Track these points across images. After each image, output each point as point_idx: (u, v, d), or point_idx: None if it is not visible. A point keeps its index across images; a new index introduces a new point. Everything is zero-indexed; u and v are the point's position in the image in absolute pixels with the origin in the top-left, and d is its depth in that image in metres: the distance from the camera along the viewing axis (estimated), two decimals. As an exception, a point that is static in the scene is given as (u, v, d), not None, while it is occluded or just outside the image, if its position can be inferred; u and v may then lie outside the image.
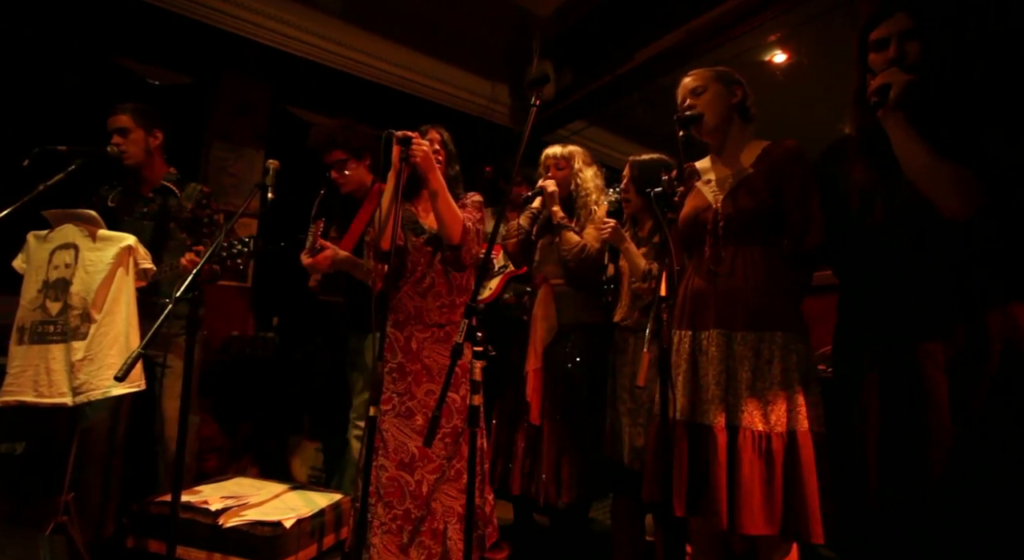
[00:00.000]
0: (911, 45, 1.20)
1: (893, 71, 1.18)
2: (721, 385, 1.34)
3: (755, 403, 1.30)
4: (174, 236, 2.07)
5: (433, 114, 3.85)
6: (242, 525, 1.58)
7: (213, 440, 2.63)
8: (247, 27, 3.13)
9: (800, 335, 1.35)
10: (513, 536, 2.19)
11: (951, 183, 1.11)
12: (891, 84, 1.16)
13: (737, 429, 1.30)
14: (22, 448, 2.31)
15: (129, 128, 2.05)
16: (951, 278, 1.14)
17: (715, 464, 1.29)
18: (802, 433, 1.27)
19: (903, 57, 1.20)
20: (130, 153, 2.04)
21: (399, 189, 1.59)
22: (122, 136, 2.04)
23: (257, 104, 3.31)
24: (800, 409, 1.29)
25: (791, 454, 1.26)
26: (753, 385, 1.31)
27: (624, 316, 1.97)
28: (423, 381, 1.73)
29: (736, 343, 1.35)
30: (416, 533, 1.63)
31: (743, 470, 1.26)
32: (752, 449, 1.27)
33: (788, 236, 1.37)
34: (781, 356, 1.31)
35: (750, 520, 1.23)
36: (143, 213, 2.08)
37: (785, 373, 1.30)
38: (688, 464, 1.34)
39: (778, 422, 1.28)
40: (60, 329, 1.66)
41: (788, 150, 1.41)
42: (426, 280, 1.78)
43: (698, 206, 1.48)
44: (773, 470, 1.25)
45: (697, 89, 1.48)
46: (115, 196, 2.11)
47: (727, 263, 1.40)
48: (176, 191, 2.12)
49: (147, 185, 2.11)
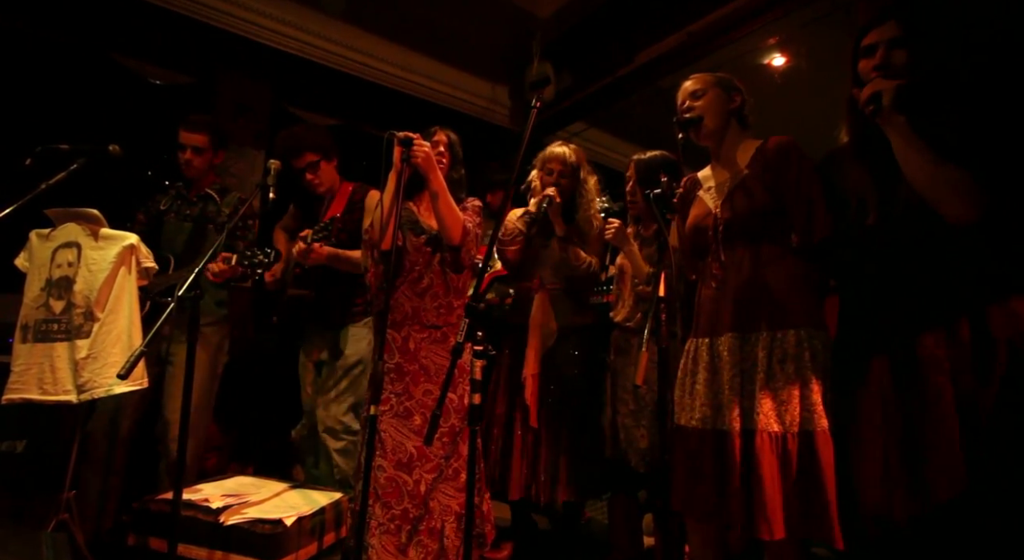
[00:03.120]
0: (897, 53, 1.22)
1: (878, 80, 1.20)
2: (735, 389, 1.32)
3: (770, 404, 1.27)
4: (211, 238, 2.19)
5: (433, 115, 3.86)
6: (243, 523, 1.59)
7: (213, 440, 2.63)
8: (247, 27, 3.14)
9: (815, 331, 1.31)
10: (513, 536, 2.20)
11: (953, 186, 1.12)
12: (881, 91, 1.17)
13: (754, 432, 1.27)
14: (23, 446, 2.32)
15: (205, 149, 2.20)
16: (951, 278, 1.14)
17: (732, 469, 1.26)
18: (820, 432, 1.23)
19: (888, 64, 1.22)
20: (195, 167, 2.20)
21: (400, 190, 1.60)
22: (196, 154, 2.19)
23: (257, 104, 3.31)
24: (816, 408, 1.25)
25: (809, 455, 1.22)
26: (767, 386, 1.28)
27: (627, 317, 1.97)
28: (421, 381, 1.74)
29: (750, 345, 1.33)
30: (414, 533, 1.64)
31: (764, 474, 1.22)
32: (770, 451, 1.24)
33: (796, 231, 1.35)
34: (795, 354, 1.29)
35: (771, 525, 1.19)
36: (186, 215, 2.22)
37: (799, 371, 1.27)
38: (713, 472, 1.30)
39: (793, 422, 1.25)
40: (64, 327, 1.67)
41: (780, 145, 1.41)
42: (424, 280, 1.78)
43: (700, 214, 1.49)
44: (788, 472, 1.22)
45: (697, 92, 1.49)
46: (167, 201, 2.27)
47: (733, 267, 1.39)
48: (217, 199, 2.25)
49: (194, 192, 2.26)
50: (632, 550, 1.99)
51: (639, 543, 2.03)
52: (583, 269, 2.04)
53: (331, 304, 2.19)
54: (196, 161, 2.20)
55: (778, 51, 3.22)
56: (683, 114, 1.48)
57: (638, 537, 2.03)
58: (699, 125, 1.46)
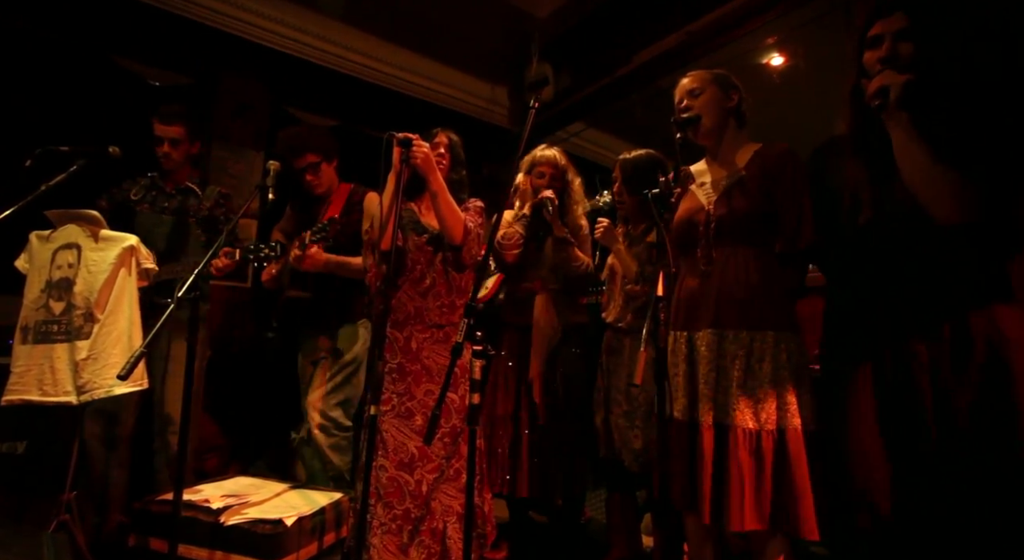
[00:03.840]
0: (904, 45, 1.20)
1: (888, 73, 1.18)
2: (710, 384, 1.36)
3: (746, 401, 1.32)
4: (192, 232, 2.17)
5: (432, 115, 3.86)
6: (243, 523, 1.59)
7: (213, 439, 2.64)
8: (246, 28, 3.14)
9: (792, 334, 1.37)
10: (511, 535, 2.20)
11: (945, 187, 1.12)
12: (889, 86, 1.16)
13: (728, 427, 1.32)
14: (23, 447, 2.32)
15: (182, 140, 2.17)
16: (938, 279, 1.15)
17: (701, 460, 1.32)
18: (792, 430, 1.29)
19: (895, 56, 1.20)
20: (173, 160, 2.17)
21: (399, 191, 1.60)
22: (173, 146, 2.15)
23: (257, 105, 3.32)
24: (790, 407, 1.31)
25: (781, 451, 1.28)
26: (744, 383, 1.33)
27: (618, 317, 1.98)
28: (423, 381, 1.74)
29: (728, 342, 1.37)
30: (416, 533, 1.64)
31: (731, 467, 1.28)
32: (742, 447, 1.29)
33: (781, 236, 1.39)
34: (772, 354, 1.33)
35: (737, 516, 1.25)
36: (164, 208, 2.19)
37: (776, 371, 1.32)
38: (688, 462, 1.36)
39: (768, 420, 1.30)
40: (64, 328, 1.67)
41: (780, 153, 1.44)
42: (426, 280, 1.79)
43: (691, 208, 1.50)
44: (763, 467, 1.27)
45: (695, 90, 1.49)
46: (138, 190, 2.20)
47: (719, 264, 1.41)
48: (198, 191, 2.22)
49: (171, 184, 2.22)
50: (630, 549, 2.00)
51: (638, 542, 2.03)
52: (581, 269, 2.05)
53: (328, 306, 2.20)
54: (174, 154, 2.17)
55: (776, 51, 3.22)
56: (681, 113, 1.48)
57: (636, 536, 2.03)
58: (697, 124, 1.47)
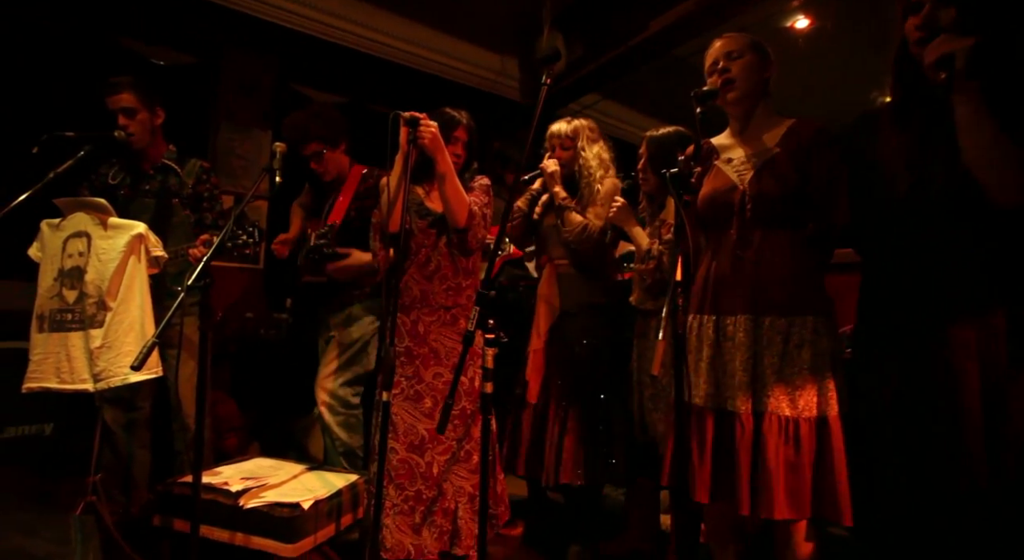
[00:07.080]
0: (945, 12, 1.10)
1: (948, 38, 1.06)
2: (748, 371, 1.30)
3: (782, 388, 1.27)
4: (177, 213, 2.06)
5: (441, 89, 3.77)
6: (262, 506, 1.62)
7: (232, 420, 2.68)
8: (249, 3, 3.06)
9: (829, 319, 1.31)
10: (527, 513, 2.22)
11: (1012, 168, 1.02)
12: (954, 53, 1.04)
13: (763, 415, 1.27)
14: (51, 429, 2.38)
15: (135, 108, 2.00)
16: (989, 262, 1.08)
17: (740, 450, 1.27)
18: (833, 418, 1.25)
19: (933, 22, 1.10)
20: (138, 136, 2.01)
21: (407, 172, 1.56)
22: (128, 117, 1.99)
23: (262, 83, 3.26)
24: (830, 393, 1.26)
25: (823, 439, 1.24)
26: (781, 370, 1.28)
27: (640, 299, 1.93)
28: (431, 364, 1.74)
29: (764, 329, 1.31)
30: (428, 513, 1.66)
31: (768, 455, 1.24)
32: (778, 434, 1.25)
33: (815, 216, 1.31)
34: (812, 341, 1.28)
35: (774, 505, 1.21)
36: (145, 190, 2.06)
37: (816, 358, 1.27)
38: (712, 451, 1.31)
39: (807, 407, 1.25)
40: (77, 317, 1.68)
41: (816, 130, 1.35)
42: (432, 263, 1.76)
43: (720, 186, 1.41)
44: (800, 455, 1.23)
45: (733, 53, 1.38)
46: (115, 173, 2.09)
47: (755, 247, 1.34)
48: (177, 169, 2.10)
49: (148, 163, 2.09)
50: (648, 530, 2.00)
51: (656, 522, 2.03)
52: (577, 232, 1.98)
53: (340, 287, 2.19)
54: (132, 125, 1.98)
55: (802, 13, 3.05)
56: (718, 74, 1.37)
57: (655, 517, 2.03)
58: (732, 87, 1.36)
